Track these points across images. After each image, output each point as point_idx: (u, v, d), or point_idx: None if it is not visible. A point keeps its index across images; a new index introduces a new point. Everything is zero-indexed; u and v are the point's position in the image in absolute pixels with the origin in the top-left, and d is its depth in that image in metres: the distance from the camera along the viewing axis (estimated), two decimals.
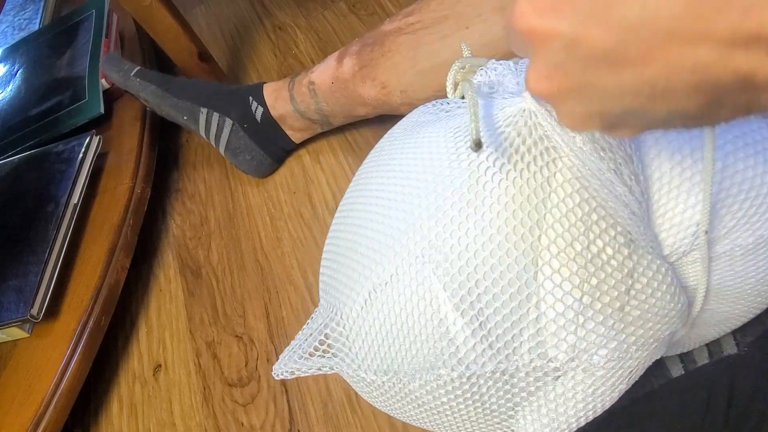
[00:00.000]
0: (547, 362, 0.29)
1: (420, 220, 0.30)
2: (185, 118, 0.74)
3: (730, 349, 0.38)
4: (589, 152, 0.27)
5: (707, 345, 0.39)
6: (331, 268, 0.36)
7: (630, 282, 0.28)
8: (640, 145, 0.29)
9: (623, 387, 0.32)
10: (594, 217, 0.28)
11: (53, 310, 0.65)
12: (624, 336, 0.29)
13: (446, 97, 0.36)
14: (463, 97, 0.35)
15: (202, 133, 0.74)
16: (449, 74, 0.34)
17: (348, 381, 0.37)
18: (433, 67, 0.59)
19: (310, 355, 0.35)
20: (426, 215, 0.30)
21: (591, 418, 0.32)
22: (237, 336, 0.66)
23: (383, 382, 0.33)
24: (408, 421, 0.36)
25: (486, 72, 0.35)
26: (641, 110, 0.19)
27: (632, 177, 0.28)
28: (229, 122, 0.72)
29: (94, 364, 0.64)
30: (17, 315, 0.62)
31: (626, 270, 0.28)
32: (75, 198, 0.72)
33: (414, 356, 0.30)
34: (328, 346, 0.34)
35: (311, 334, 0.35)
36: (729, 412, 0.35)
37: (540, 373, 0.30)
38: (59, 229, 0.68)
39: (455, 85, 0.34)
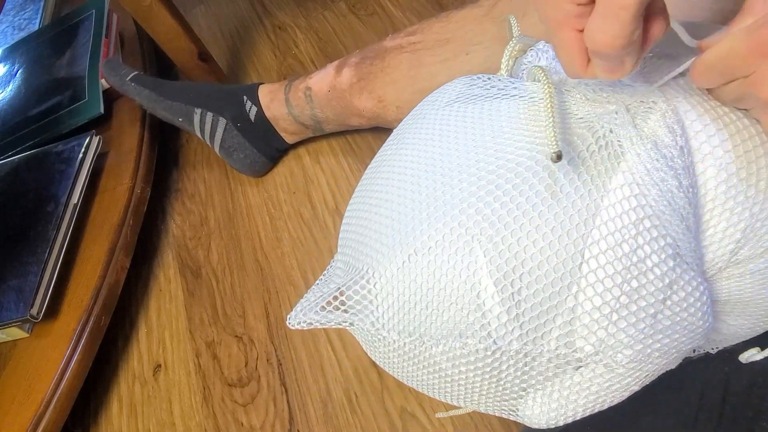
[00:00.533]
0: (573, 351, 0.30)
1: (474, 194, 0.30)
2: (180, 119, 0.74)
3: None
4: (655, 160, 0.28)
5: None
6: (363, 225, 0.36)
7: (668, 292, 0.29)
8: (693, 159, 0.30)
9: (635, 388, 0.32)
10: (647, 223, 0.28)
11: (53, 310, 0.65)
12: (651, 341, 0.30)
13: None
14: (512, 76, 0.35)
15: (198, 133, 0.75)
16: (505, 52, 0.35)
17: (362, 341, 0.37)
18: (431, 88, 0.60)
19: (328, 311, 0.34)
20: (484, 191, 0.30)
21: (596, 410, 0.33)
22: (237, 336, 0.66)
23: (405, 343, 0.33)
24: (415, 386, 0.36)
25: (537, 53, 0.35)
26: None
27: (690, 189, 0.29)
28: (222, 121, 0.72)
29: (94, 364, 0.64)
30: (17, 315, 0.62)
31: (667, 280, 0.29)
32: (75, 198, 0.72)
33: (445, 322, 0.31)
34: (349, 303, 0.34)
35: (331, 292, 0.35)
36: (724, 407, 0.36)
37: (562, 361, 0.30)
38: (59, 229, 0.68)
39: (509, 60, 0.35)
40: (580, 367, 0.31)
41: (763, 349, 0.37)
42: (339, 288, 0.34)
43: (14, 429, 0.57)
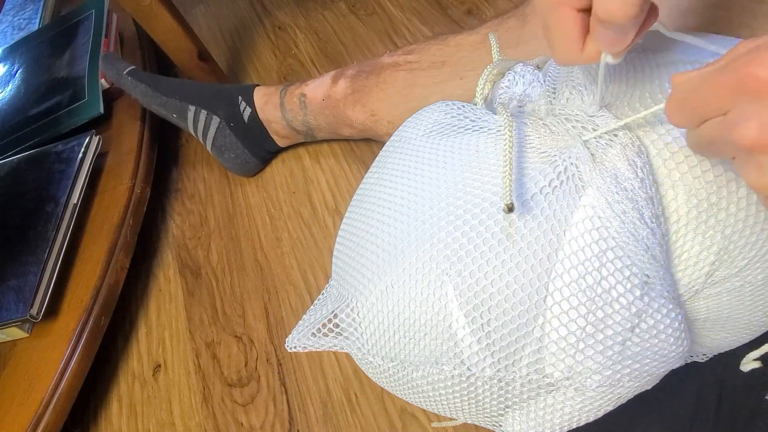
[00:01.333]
0: (543, 377, 0.31)
1: (444, 229, 0.32)
2: (174, 115, 0.75)
3: None
4: (616, 193, 0.29)
5: None
6: (349, 255, 0.38)
7: (636, 321, 0.30)
8: (659, 189, 0.30)
9: (609, 408, 0.34)
10: (610, 255, 0.29)
11: (53, 310, 0.65)
12: (620, 367, 0.31)
13: None
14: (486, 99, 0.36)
15: (191, 130, 0.76)
16: (480, 80, 0.35)
17: (355, 359, 0.39)
18: (422, 107, 0.61)
19: (323, 334, 0.37)
20: (453, 226, 0.31)
21: (573, 427, 0.34)
22: (236, 336, 0.66)
23: (389, 368, 0.35)
24: (406, 399, 0.38)
25: (514, 76, 0.36)
26: None
27: (654, 219, 0.30)
28: (216, 120, 0.73)
29: (94, 364, 0.64)
30: (17, 315, 0.62)
31: (634, 309, 0.30)
32: (74, 198, 0.72)
33: (421, 350, 0.33)
34: (340, 328, 0.37)
35: (325, 316, 0.38)
36: (720, 408, 0.36)
37: (534, 386, 0.32)
38: (59, 229, 0.68)
39: (485, 84, 0.36)
40: (553, 390, 0.32)
41: (753, 348, 0.37)
42: (332, 312, 0.37)
43: (14, 429, 0.57)
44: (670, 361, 0.32)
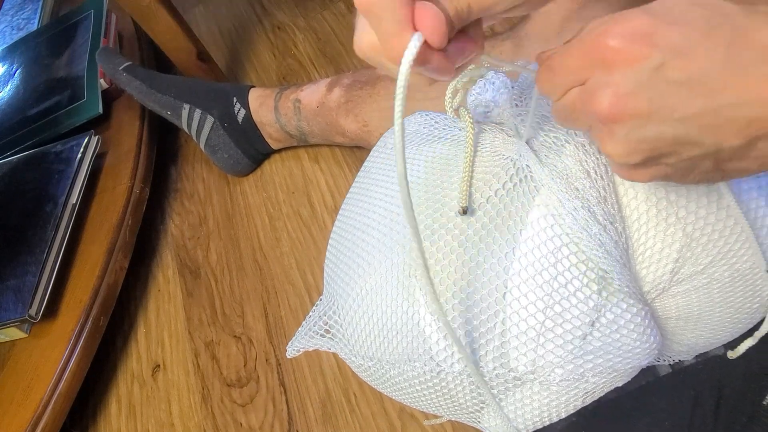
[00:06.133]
0: (509, 371, 0.33)
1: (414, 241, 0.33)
2: (169, 113, 0.75)
3: (717, 350, 0.38)
4: (568, 192, 0.31)
5: None
6: (334, 261, 0.41)
7: (595, 315, 0.31)
8: (617, 188, 0.31)
9: (578, 404, 0.35)
10: (565, 251, 0.31)
11: (52, 310, 0.65)
12: (582, 361, 0.32)
13: None
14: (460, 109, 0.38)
15: (185, 128, 0.76)
16: (447, 91, 0.36)
17: (345, 361, 0.41)
18: None
19: (319, 335, 0.40)
20: (421, 234, 0.33)
21: (546, 423, 0.36)
22: (236, 336, 0.66)
23: (369, 366, 0.37)
24: (392, 397, 0.40)
25: (485, 84, 0.37)
26: (689, 141, 0.21)
27: (606, 217, 0.31)
28: (210, 119, 0.73)
29: (93, 365, 0.64)
30: (15, 315, 0.62)
31: (592, 303, 0.31)
32: (73, 198, 0.72)
33: (394, 348, 0.35)
34: (330, 328, 0.39)
35: (317, 318, 0.40)
36: (718, 411, 0.36)
37: (502, 380, 0.33)
38: (58, 229, 0.68)
39: (455, 93, 0.36)
40: (520, 385, 0.34)
41: (725, 347, 0.38)
42: (320, 313, 0.40)
43: (12, 429, 0.57)
44: (637, 358, 0.33)
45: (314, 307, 0.43)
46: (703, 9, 0.21)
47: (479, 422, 0.38)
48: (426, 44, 0.22)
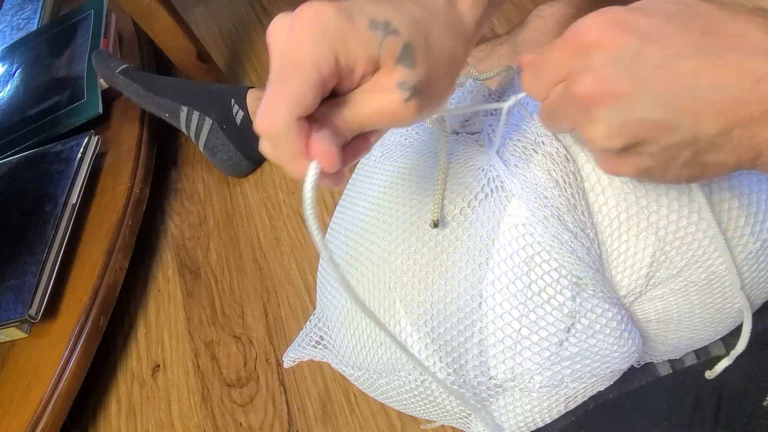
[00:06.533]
0: (490, 379, 0.33)
1: (392, 251, 0.34)
2: (167, 115, 0.75)
3: (718, 350, 0.38)
4: (535, 200, 0.31)
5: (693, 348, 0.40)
6: (323, 274, 0.41)
7: (570, 321, 0.31)
8: (588, 195, 0.32)
9: (560, 409, 0.35)
10: (537, 259, 0.31)
11: (51, 310, 0.65)
12: (559, 368, 0.32)
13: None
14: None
15: (183, 129, 0.76)
16: None
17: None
18: None
19: (312, 345, 0.41)
20: (400, 248, 0.34)
21: (533, 428, 0.36)
22: (236, 336, 0.65)
23: (359, 375, 0.38)
24: (388, 405, 0.41)
25: (464, 93, 0.38)
26: (669, 126, 0.22)
27: (577, 224, 0.31)
28: (208, 121, 0.73)
29: (93, 365, 0.63)
30: (15, 315, 0.62)
31: (566, 310, 0.31)
32: (73, 198, 0.72)
33: (380, 358, 0.35)
34: (321, 339, 0.40)
35: (311, 329, 0.41)
36: (718, 412, 0.36)
37: (484, 387, 0.34)
38: (57, 229, 0.68)
39: None
40: (502, 392, 0.34)
41: (727, 348, 0.38)
42: (313, 325, 0.41)
43: (12, 429, 0.57)
44: (616, 362, 0.33)
45: (310, 318, 0.43)
46: (678, 5, 0.22)
47: (469, 427, 0.38)
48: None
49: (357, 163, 0.43)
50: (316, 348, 0.40)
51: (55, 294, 0.65)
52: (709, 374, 0.37)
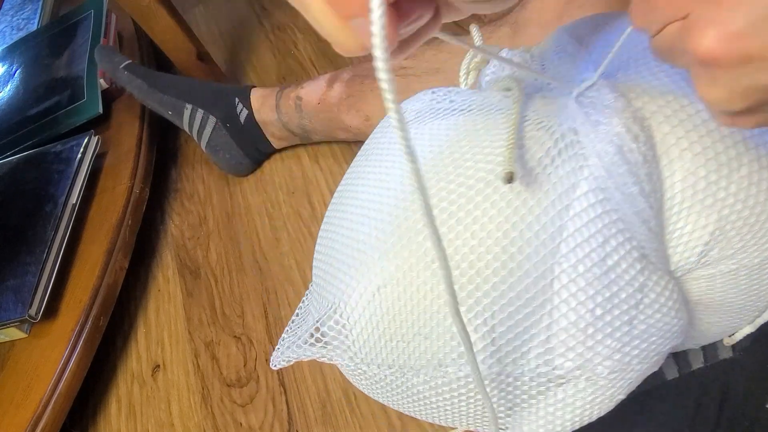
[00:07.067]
0: (553, 369, 0.29)
1: (437, 218, 0.29)
2: (170, 112, 0.75)
3: (726, 353, 0.38)
4: (618, 164, 0.27)
5: (703, 348, 0.39)
6: (331, 256, 0.35)
7: (640, 296, 0.28)
8: (658, 163, 0.29)
9: (621, 397, 0.32)
10: (613, 229, 0.27)
11: (51, 310, 0.65)
12: (629, 348, 0.29)
13: None
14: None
15: (186, 128, 0.76)
16: (463, 63, 0.33)
17: (344, 372, 0.36)
18: None
19: (309, 344, 0.34)
20: (446, 214, 0.29)
21: (585, 423, 0.32)
22: (236, 336, 0.65)
23: (385, 376, 0.32)
24: (402, 411, 0.36)
25: (500, 63, 0.34)
26: None
27: (653, 193, 0.28)
28: (212, 120, 0.73)
29: (93, 365, 0.63)
30: (15, 315, 0.62)
31: (637, 284, 0.28)
32: (73, 198, 0.72)
33: (422, 352, 0.30)
34: (326, 339, 0.34)
35: (309, 328, 0.35)
36: (720, 415, 0.36)
37: (544, 379, 0.30)
38: (57, 229, 0.68)
39: (468, 73, 0.34)
40: (563, 383, 0.30)
41: (734, 351, 0.37)
42: (315, 324, 0.34)
43: (12, 429, 0.57)
44: (673, 337, 0.30)
45: (296, 316, 0.38)
46: None
47: (504, 429, 0.34)
48: None
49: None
50: (315, 346, 0.34)
51: (55, 294, 0.65)
52: (728, 341, 0.36)
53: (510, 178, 0.26)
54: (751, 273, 0.30)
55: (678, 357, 0.39)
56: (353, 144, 0.76)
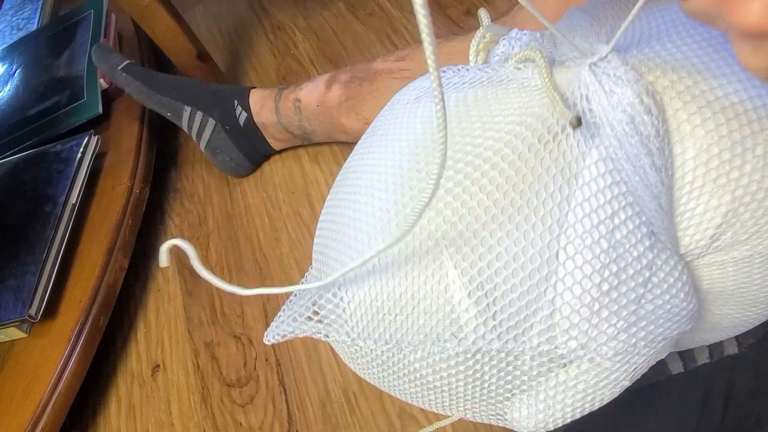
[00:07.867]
0: (555, 348, 0.28)
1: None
2: (169, 114, 0.75)
3: (732, 349, 0.38)
4: (629, 134, 0.26)
5: (708, 345, 0.39)
6: (331, 230, 0.34)
7: (648, 275, 0.27)
8: (670, 139, 0.28)
9: (626, 383, 0.31)
10: (622, 201, 0.26)
11: (51, 310, 0.65)
12: (635, 329, 0.28)
13: None
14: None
15: (185, 129, 0.76)
16: (473, 42, 0.33)
17: (340, 353, 0.36)
18: None
19: (304, 319, 0.33)
20: (452, 182, 0.28)
21: (587, 411, 0.31)
22: (235, 336, 0.65)
23: (382, 352, 0.32)
24: (399, 396, 0.35)
25: (510, 42, 0.33)
26: None
27: (664, 169, 0.27)
28: (211, 122, 0.73)
29: (93, 365, 0.63)
30: (15, 315, 0.62)
31: (645, 261, 0.27)
32: (73, 198, 0.72)
33: (421, 327, 0.29)
34: (322, 315, 0.33)
35: (306, 300, 0.34)
36: (726, 412, 0.36)
37: (545, 359, 0.29)
38: (57, 229, 0.68)
39: (477, 53, 0.33)
40: (565, 364, 0.29)
41: (740, 347, 0.36)
42: (312, 298, 0.33)
43: (12, 429, 0.57)
44: (682, 321, 0.29)
45: (294, 296, 0.37)
46: None
47: (502, 414, 0.33)
48: None
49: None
50: (311, 321, 0.33)
51: (55, 294, 0.65)
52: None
53: (579, 121, 0.25)
54: (766, 261, 0.29)
55: (683, 352, 0.39)
56: (353, 145, 0.76)
